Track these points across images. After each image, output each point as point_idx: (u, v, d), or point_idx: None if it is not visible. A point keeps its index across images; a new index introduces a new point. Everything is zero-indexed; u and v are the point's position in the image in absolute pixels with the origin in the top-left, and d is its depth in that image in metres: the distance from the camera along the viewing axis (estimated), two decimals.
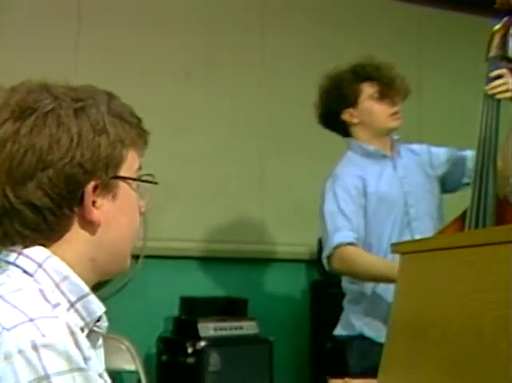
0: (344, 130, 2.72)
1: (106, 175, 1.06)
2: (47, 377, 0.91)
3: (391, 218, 2.58)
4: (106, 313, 1.12)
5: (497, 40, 2.42)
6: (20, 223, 1.04)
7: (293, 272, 4.10)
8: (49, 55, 3.53)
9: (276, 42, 4.15)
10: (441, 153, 2.72)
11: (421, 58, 4.42)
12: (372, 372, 1.71)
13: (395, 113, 2.63)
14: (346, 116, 2.67)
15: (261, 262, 4.02)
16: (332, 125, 2.74)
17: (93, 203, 1.06)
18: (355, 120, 2.67)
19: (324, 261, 2.60)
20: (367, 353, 2.50)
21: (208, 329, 3.43)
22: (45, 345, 0.91)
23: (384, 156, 2.67)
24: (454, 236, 1.86)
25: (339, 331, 2.69)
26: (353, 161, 2.67)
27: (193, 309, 3.59)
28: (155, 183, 1.15)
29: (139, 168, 1.15)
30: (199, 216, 3.85)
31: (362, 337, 2.59)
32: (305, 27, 4.19)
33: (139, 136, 1.13)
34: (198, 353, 3.33)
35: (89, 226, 1.07)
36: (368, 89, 2.63)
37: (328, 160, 2.75)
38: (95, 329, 1.09)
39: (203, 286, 3.82)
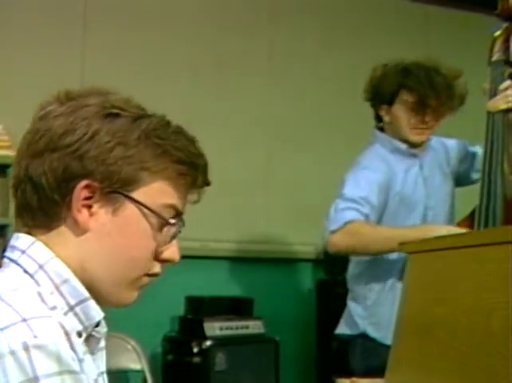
0: (378, 120, 2.68)
1: (108, 184, 1.05)
2: (36, 379, 0.90)
3: (410, 219, 2.56)
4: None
5: (499, 45, 2.42)
6: (22, 196, 1.07)
7: (300, 271, 4.10)
8: (55, 55, 3.53)
9: (283, 41, 4.15)
10: (454, 148, 2.72)
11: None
12: (377, 372, 1.71)
13: (421, 129, 2.56)
14: (382, 111, 2.63)
15: (267, 261, 4.02)
16: (374, 109, 2.68)
17: (90, 207, 1.05)
18: (387, 119, 2.63)
19: (327, 235, 2.47)
20: (371, 353, 2.49)
21: (214, 328, 3.42)
22: (37, 346, 0.91)
23: (413, 155, 2.63)
24: (459, 235, 1.86)
25: (342, 329, 2.67)
26: (381, 155, 2.61)
27: (199, 308, 3.59)
28: (172, 225, 1.09)
29: (173, 208, 1.09)
30: (205, 215, 3.83)
31: (365, 337, 2.57)
32: (312, 26, 4.19)
33: (177, 173, 1.08)
34: (203, 352, 3.33)
35: (75, 226, 1.06)
36: (404, 95, 2.55)
37: (335, 160, 2.74)
38: (93, 334, 1.09)
39: (209, 285, 3.82)
